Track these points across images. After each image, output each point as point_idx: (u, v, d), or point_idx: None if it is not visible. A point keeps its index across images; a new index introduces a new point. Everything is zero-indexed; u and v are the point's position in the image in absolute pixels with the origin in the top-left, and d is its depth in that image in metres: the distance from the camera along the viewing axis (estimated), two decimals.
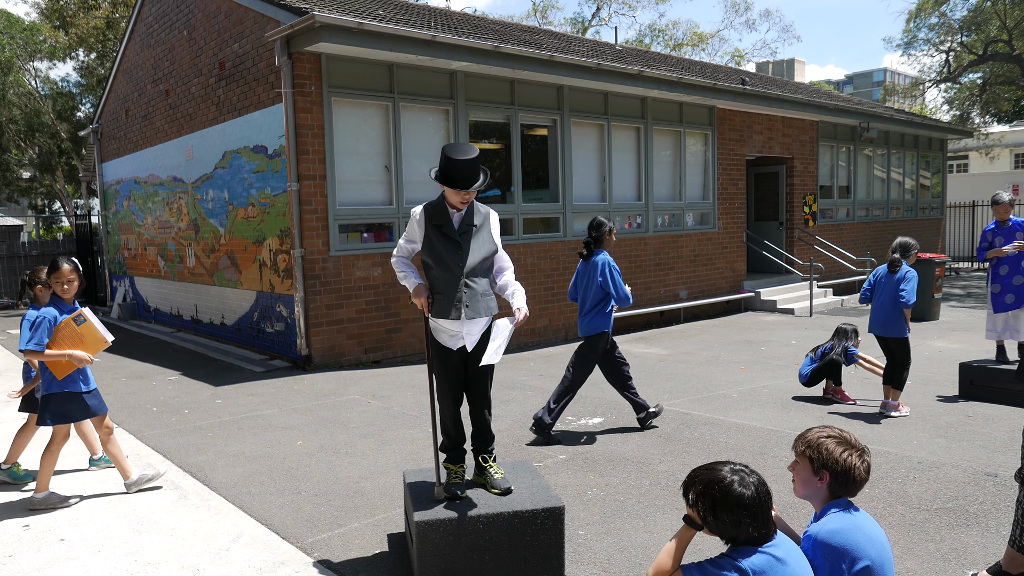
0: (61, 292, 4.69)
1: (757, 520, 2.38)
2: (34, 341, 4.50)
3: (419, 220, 3.83)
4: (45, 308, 4.63)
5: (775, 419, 6.41)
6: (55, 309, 4.65)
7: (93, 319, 4.67)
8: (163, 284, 13.43)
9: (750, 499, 2.37)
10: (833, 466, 2.62)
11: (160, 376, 8.94)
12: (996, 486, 4.70)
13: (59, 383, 4.63)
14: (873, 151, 17.82)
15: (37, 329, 4.52)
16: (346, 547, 4.04)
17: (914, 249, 6.54)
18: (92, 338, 4.66)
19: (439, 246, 3.78)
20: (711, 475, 2.45)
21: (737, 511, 2.37)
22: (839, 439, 2.66)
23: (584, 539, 4.07)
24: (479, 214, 3.88)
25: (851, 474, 2.61)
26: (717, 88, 12.55)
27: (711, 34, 36.37)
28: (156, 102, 12.93)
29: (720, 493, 2.40)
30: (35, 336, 4.50)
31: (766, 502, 2.41)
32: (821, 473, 2.63)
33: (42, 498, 4.68)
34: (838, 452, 2.61)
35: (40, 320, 4.54)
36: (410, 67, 9.48)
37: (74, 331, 4.61)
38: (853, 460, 2.61)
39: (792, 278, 15.01)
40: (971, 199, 23.84)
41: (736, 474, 2.42)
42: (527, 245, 10.68)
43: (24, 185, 31.81)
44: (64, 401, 4.65)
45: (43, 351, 4.53)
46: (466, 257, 3.77)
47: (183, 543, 4.11)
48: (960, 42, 27.19)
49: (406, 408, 7.07)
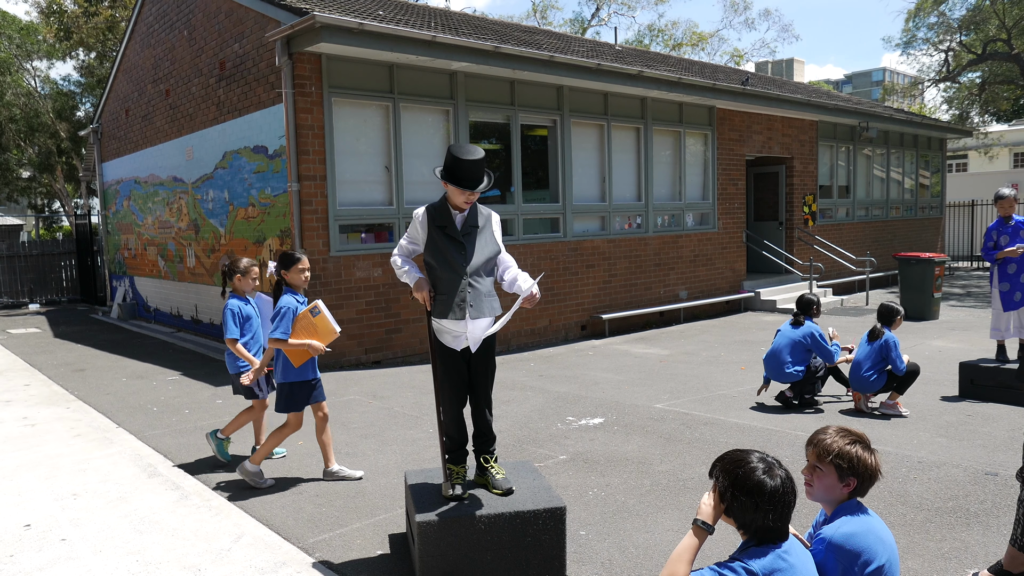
0: (300, 283, 4.90)
1: (776, 511, 2.37)
2: (280, 330, 4.72)
3: (422, 221, 3.83)
4: (284, 298, 4.80)
5: (776, 419, 6.42)
6: (294, 299, 4.82)
7: (325, 310, 4.83)
8: (163, 284, 13.43)
9: (772, 489, 2.38)
10: (863, 472, 2.62)
11: (160, 376, 8.94)
12: (997, 485, 4.71)
13: (296, 372, 4.85)
14: (872, 151, 17.83)
15: (283, 319, 4.73)
16: (347, 547, 4.05)
17: (898, 315, 6.58)
18: (325, 328, 4.82)
19: (442, 247, 3.78)
20: (740, 455, 2.47)
21: (756, 496, 2.37)
22: (862, 443, 2.66)
23: (585, 539, 4.07)
24: (481, 215, 3.88)
25: (876, 478, 2.64)
26: (717, 88, 12.56)
27: (710, 34, 36.39)
28: (156, 102, 12.93)
29: (743, 474, 2.41)
30: (281, 325, 4.73)
31: (788, 499, 2.40)
32: (848, 480, 2.62)
33: (251, 470, 4.96)
34: (867, 459, 2.62)
35: (284, 311, 4.75)
36: (410, 67, 9.48)
37: (310, 322, 4.79)
38: (876, 462, 2.63)
39: (792, 278, 15.02)
40: (970, 198, 23.86)
41: (764, 462, 2.44)
42: (527, 246, 10.68)
43: (24, 185, 31.80)
44: (298, 389, 4.89)
45: (287, 340, 4.73)
46: (470, 257, 3.78)
47: (184, 543, 4.11)
48: (959, 41, 27.19)
49: (407, 409, 7.08)
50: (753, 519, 2.40)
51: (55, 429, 6.59)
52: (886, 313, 6.60)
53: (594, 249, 11.62)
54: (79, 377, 8.98)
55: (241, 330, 5.28)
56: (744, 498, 2.39)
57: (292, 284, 4.88)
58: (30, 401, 7.78)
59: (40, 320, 15.15)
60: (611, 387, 7.85)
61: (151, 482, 5.14)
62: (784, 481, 2.41)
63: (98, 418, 6.97)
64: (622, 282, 12.07)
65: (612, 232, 11.94)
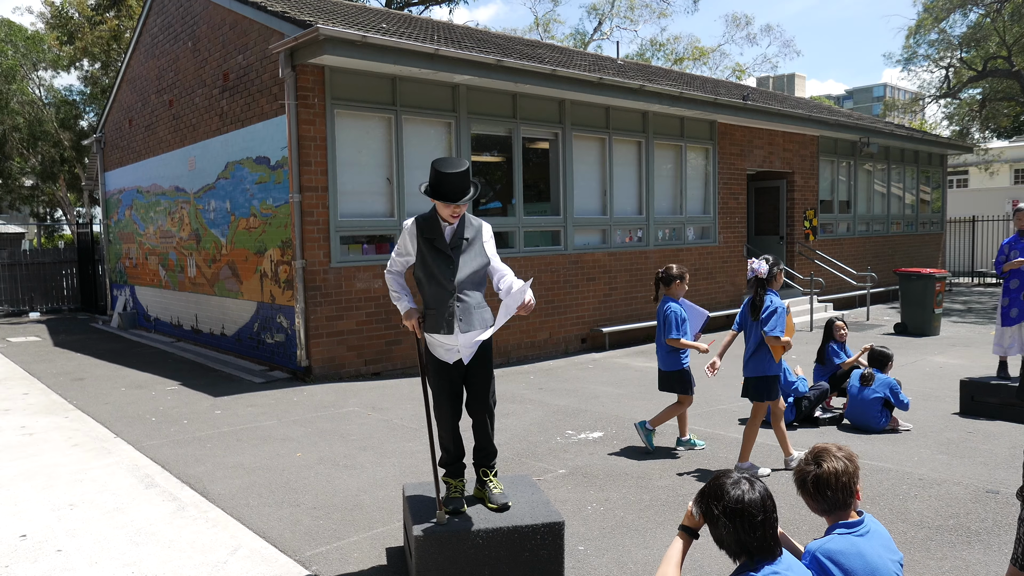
0: (779, 285, 5.35)
1: (754, 527, 2.36)
2: (779, 328, 5.15)
3: (411, 232, 3.84)
4: (774, 299, 5.24)
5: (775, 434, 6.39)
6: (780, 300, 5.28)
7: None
8: (164, 294, 13.43)
9: (748, 501, 2.37)
10: (802, 489, 2.71)
11: (159, 386, 8.92)
12: (998, 503, 4.68)
13: (773, 366, 5.27)
14: (873, 166, 17.87)
15: (779, 318, 5.16)
16: (344, 561, 4.03)
17: (890, 361, 6.68)
18: (791, 327, 5.35)
19: (430, 261, 3.78)
20: (717, 478, 2.50)
21: (733, 512, 2.37)
22: (804, 461, 2.74)
23: (584, 555, 4.05)
24: (471, 227, 3.88)
25: (820, 489, 2.64)
26: (718, 103, 12.61)
27: (712, 48, 36.58)
28: (160, 112, 12.98)
29: (719, 491, 2.43)
30: (778, 324, 5.15)
31: (766, 511, 2.38)
32: (809, 503, 2.71)
33: (746, 467, 5.24)
34: (799, 476, 2.71)
35: (780, 311, 5.19)
36: (413, 80, 9.52)
37: (789, 320, 5.31)
38: (830, 470, 2.64)
39: (792, 293, 15.01)
40: (971, 214, 23.89)
41: (740, 478, 2.46)
42: (528, 258, 10.69)
43: (26, 193, 31.87)
44: (770, 382, 5.31)
45: (781, 338, 5.17)
46: (456, 271, 3.77)
47: (181, 555, 4.09)
48: (960, 58, 27.33)
49: (406, 421, 7.06)
50: (734, 538, 2.39)
51: (53, 438, 6.57)
52: (881, 357, 6.70)
53: (595, 262, 11.63)
54: (78, 386, 8.96)
55: (679, 329, 5.87)
56: (723, 518, 2.39)
57: (774, 287, 5.31)
58: (28, 410, 7.76)
59: (40, 328, 15.14)
60: (611, 401, 7.82)
61: (148, 493, 5.12)
62: (762, 493, 2.41)
63: (96, 428, 6.95)
64: (623, 295, 12.07)
65: (613, 245, 11.95)
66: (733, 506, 2.37)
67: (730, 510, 2.37)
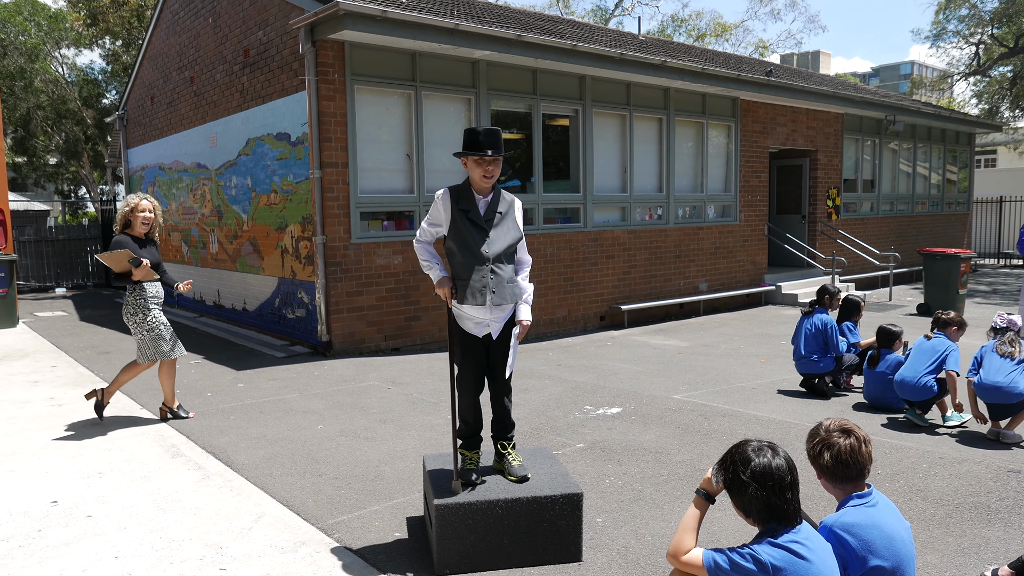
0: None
1: (783, 490, 2.40)
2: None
3: (444, 202, 3.80)
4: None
5: (795, 412, 6.39)
6: None
7: None
8: (186, 270, 13.59)
9: (776, 466, 2.41)
10: (815, 463, 2.72)
11: (183, 360, 9.05)
12: (1019, 483, 4.66)
13: None
14: (899, 145, 17.58)
15: None
16: (365, 529, 4.10)
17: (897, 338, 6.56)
18: None
19: (464, 232, 3.77)
20: (739, 446, 2.53)
21: (763, 476, 2.40)
22: (812, 433, 2.76)
23: (602, 526, 4.09)
24: (504, 201, 3.88)
25: (832, 463, 2.65)
26: (741, 79, 12.44)
27: (735, 24, 36.04)
28: (181, 89, 13.05)
29: (745, 457, 2.46)
30: None
31: (787, 479, 2.42)
32: (819, 476, 2.74)
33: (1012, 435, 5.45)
34: (811, 450, 2.72)
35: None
36: (433, 56, 9.48)
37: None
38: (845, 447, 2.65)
39: (814, 272, 14.88)
40: (999, 194, 23.45)
41: (762, 444, 2.49)
42: (547, 235, 10.68)
43: (51, 171, 32.26)
44: None
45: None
46: (493, 243, 3.77)
47: (206, 522, 4.18)
48: (990, 34, 26.68)
49: (425, 395, 7.12)
50: (753, 504, 2.42)
51: (81, 409, 6.71)
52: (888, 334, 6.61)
53: (614, 240, 11.59)
54: (104, 359, 9.13)
55: None
56: (742, 481, 2.42)
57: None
58: (57, 382, 7.92)
59: (66, 304, 15.40)
60: (629, 377, 7.84)
61: (174, 462, 5.23)
62: (786, 460, 2.45)
63: (122, 399, 7.08)
64: (642, 273, 12.03)
65: (632, 223, 11.89)
66: (763, 471, 2.40)
67: (759, 475, 2.40)
